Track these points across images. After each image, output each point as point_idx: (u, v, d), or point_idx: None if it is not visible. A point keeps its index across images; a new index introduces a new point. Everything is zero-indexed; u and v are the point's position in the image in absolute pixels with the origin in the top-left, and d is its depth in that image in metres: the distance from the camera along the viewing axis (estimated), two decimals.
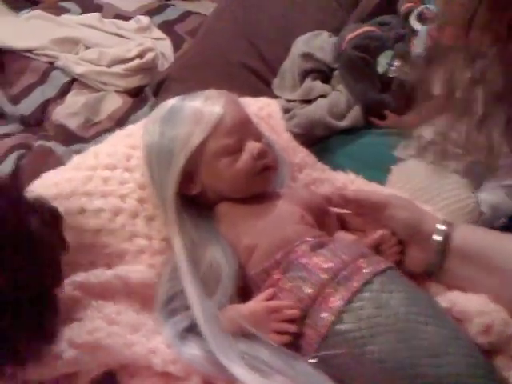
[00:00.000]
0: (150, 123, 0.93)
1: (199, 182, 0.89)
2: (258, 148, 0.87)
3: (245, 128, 0.89)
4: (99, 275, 0.88)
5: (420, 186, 1.05)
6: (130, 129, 1.05)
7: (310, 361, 0.75)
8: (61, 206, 0.91)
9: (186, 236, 0.87)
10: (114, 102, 1.60)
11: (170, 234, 0.88)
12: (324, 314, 0.75)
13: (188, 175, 0.88)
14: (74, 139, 1.48)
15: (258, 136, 0.90)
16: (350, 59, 1.19)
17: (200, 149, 0.87)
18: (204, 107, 0.88)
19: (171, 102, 0.93)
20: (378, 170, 1.11)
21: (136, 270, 0.88)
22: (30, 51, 1.68)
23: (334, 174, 1.10)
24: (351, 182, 1.07)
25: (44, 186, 0.96)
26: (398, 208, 0.87)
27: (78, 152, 1.12)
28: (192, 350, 0.80)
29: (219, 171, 0.87)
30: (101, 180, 0.93)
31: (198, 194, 0.90)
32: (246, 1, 1.50)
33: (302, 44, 1.29)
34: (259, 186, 0.89)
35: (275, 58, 1.38)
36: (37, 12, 1.87)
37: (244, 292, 0.85)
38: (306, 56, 1.29)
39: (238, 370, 0.76)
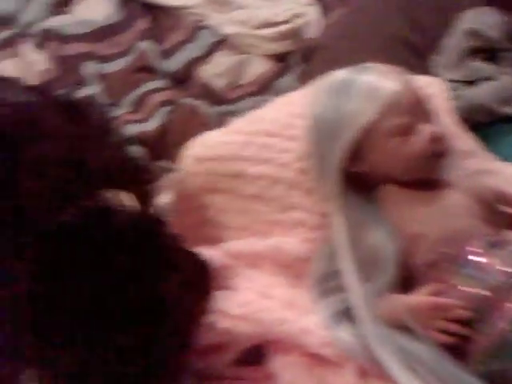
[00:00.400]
0: (319, 94, 0.89)
1: (366, 160, 0.85)
2: (435, 132, 0.82)
3: (419, 109, 0.83)
4: (252, 244, 0.88)
5: None
6: (291, 96, 1.02)
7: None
8: (216, 168, 0.91)
9: (348, 214, 0.84)
10: (259, 66, 1.57)
11: (329, 210, 0.85)
12: (499, 320, 0.69)
13: (356, 152, 0.84)
14: (218, 99, 1.48)
15: (430, 118, 0.84)
16: None
17: (372, 126, 0.82)
18: (379, 83, 0.83)
19: (341, 74, 0.89)
20: None
21: (290, 243, 0.87)
22: (181, 8, 1.69)
23: (503, 165, 1.01)
24: None
25: (204, 146, 0.97)
26: None
27: (224, 114, 1.12)
28: (347, 336, 0.78)
29: (389, 151, 0.82)
30: (260, 146, 0.92)
31: (362, 173, 0.86)
32: None
33: (469, 19, 1.19)
34: (429, 170, 0.84)
35: (436, 32, 1.29)
36: None
37: (405, 282, 0.80)
38: (474, 33, 1.19)
39: (393, 365, 0.73)
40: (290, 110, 0.96)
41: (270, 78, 1.55)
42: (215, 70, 1.53)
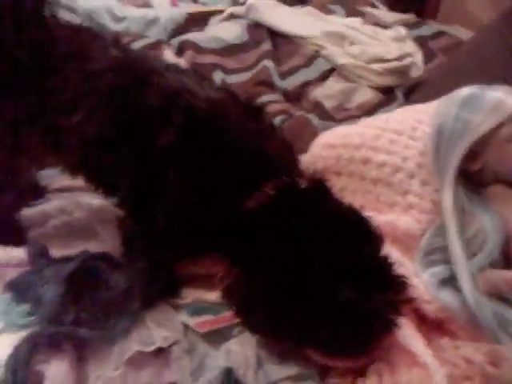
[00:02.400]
0: (444, 105, 1.06)
1: (482, 161, 1.00)
2: None
3: None
4: (373, 217, 1.01)
5: None
6: (418, 106, 1.19)
7: None
8: (347, 153, 1.07)
9: (458, 202, 0.98)
10: (365, 95, 1.76)
11: (442, 198, 1.00)
12: None
13: (473, 153, 0.99)
14: (327, 117, 1.66)
15: None
16: None
17: (492, 132, 0.98)
18: (506, 98, 0.99)
19: (468, 89, 1.05)
20: None
21: (405, 221, 1.01)
22: (301, 38, 1.91)
23: None
24: None
25: (334, 135, 1.14)
26: None
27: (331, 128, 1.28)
28: (447, 298, 0.90)
29: (508, 154, 0.97)
30: (388, 140, 1.08)
31: (475, 172, 1.01)
32: None
33: None
34: None
35: None
36: (308, 8, 2.11)
37: (504, 264, 0.93)
38: None
39: (490, 326, 0.85)
40: (416, 116, 1.14)
41: (374, 106, 1.73)
42: (327, 92, 1.72)
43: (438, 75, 1.62)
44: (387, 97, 1.75)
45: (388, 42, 1.95)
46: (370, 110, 1.70)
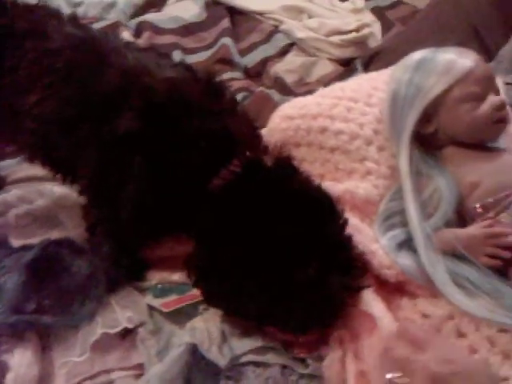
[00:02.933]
0: (397, 71, 1.06)
1: (435, 123, 1.01)
2: (500, 100, 0.98)
3: (490, 81, 1.00)
4: (331, 187, 1.02)
5: None
6: (372, 74, 1.21)
7: None
8: (305, 124, 1.08)
9: (414, 166, 0.99)
10: (325, 68, 1.75)
11: (398, 163, 1.01)
12: None
13: (426, 116, 1.00)
14: (287, 92, 1.66)
15: (498, 91, 1.00)
16: None
17: (445, 93, 0.99)
18: (457, 59, 1.00)
19: (421, 53, 1.05)
20: None
21: (363, 187, 1.01)
22: (259, 14, 1.89)
23: None
24: None
25: (292, 107, 1.14)
26: None
27: None
28: (406, 261, 0.92)
29: (459, 115, 0.98)
30: (344, 108, 1.08)
31: (430, 134, 1.02)
32: None
33: None
34: (491, 134, 1.00)
35: (495, 44, 1.45)
36: None
37: (459, 223, 0.95)
38: None
39: (444, 283, 0.87)
40: (371, 84, 1.14)
41: (334, 79, 1.72)
42: (288, 67, 1.71)
43: (396, 44, 1.62)
44: (347, 68, 1.75)
45: (346, 13, 1.95)
46: (330, 83, 1.66)
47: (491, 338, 0.81)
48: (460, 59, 0.99)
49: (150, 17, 1.87)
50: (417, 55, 1.05)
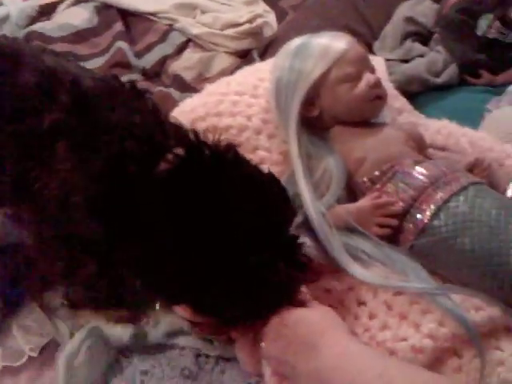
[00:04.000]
0: (279, 59, 1.09)
1: (318, 106, 1.04)
2: (374, 78, 1.02)
3: (364, 61, 1.04)
4: None
5: None
6: (258, 65, 1.23)
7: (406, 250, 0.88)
8: (198, 128, 1.08)
9: (303, 149, 1.02)
10: (223, 61, 1.76)
11: (289, 148, 1.03)
12: (423, 212, 0.88)
13: (310, 99, 1.03)
14: (187, 89, 1.66)
15: (373, 70, 1.05)
16: (452, 21, 1.31)
17: (324, 76, 1.02)
18: (331, 43, 1.04)
19: (298, 40, 1.09)
20: (469, 122, 1.22)
21: None
22: (152, 14, 1.88)
23: (428, 120, 1.22)
24: (444, 127, 1.18)
25: (182, 113, 1.14)
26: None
27: None
28: (306, 241, 0.94)
29: (339, 95, 1.02)
30: (230, 103, 1.10)
31: (315, 117, 1.05)
32: None
33: (406, 8, 1.42)
34: (371, 111, 1.05)
35: (378, 23, 1.51)
36: None
37: (350, 198, 0.99)
38: (409, 19, 1.41)
39: (341, 257, 0.90)
40: (257, 75, 1.17)
41: (233, 71, 1.73)
42: (185, 64, 1.71)
43: (286, 32, 1.65)
44: (245, 60, 1.77)
45: (239, 6, 1.96)
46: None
47: (388, 301, 0.85)
48: (334, 43, 1.03)
49: (38, 26, 1.81)
50: (295, 42, 1.08)
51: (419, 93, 1.36)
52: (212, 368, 0.88)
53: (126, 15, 1.91)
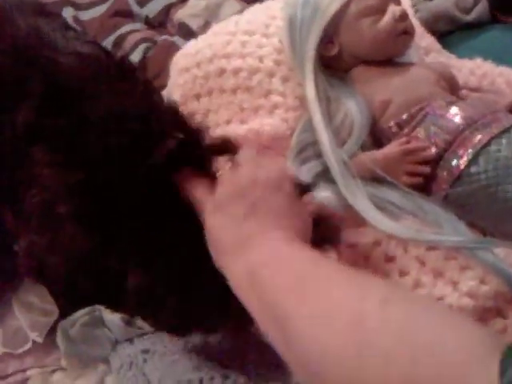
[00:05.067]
0: None
1: (338, 43, 0.93)
2: (400, 10, 0.91)
3: None
4: (234, 129, 0.94)
5: None
6: (268, 2, 1.11)
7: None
8: (201, 71, 0.98)
9: (321, 92, 0.92)
10: (232, 8, 1.64)
11: (305, 91, 0.93)
12: (459, 157, 0.78)
13: (328, 37, 0.92)
14: (194, 37, 1.54)
15: (398, 1, 0.93)
16: None
17: (343, 10, 0.91)
18: None
19: None
20: (504, 62, 1.10)
21: (269, 123, 0.93)
22: None
23: (460, 60, 1.10)
24: (478, 67, 1.07)
25: (186, 55, 1.04)
26: None
27: None
28: (324, 192, 0.85)
29: (360, 31, 0.91)
30: (240, 43, 0.99)
31: (334, 56, 0.94)
32: None
33: None
34: (397, 47, 0.93)
35: None
36: None
37: (375, 146, 0.89)
38: None
39: (366, 209, 0.80)
40: (267, 13, 1.05)
41: None
42: (191, 11, 1.60)
43: None
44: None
45: None
46: None
47: (420, 257, 0.76)
48: None
49: None
50: None
51: (447, 32, 1.24)
52: (219, 342, 0.80)
53: None
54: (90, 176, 0.66)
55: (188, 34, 1.57)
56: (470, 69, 1.07)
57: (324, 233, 0.81)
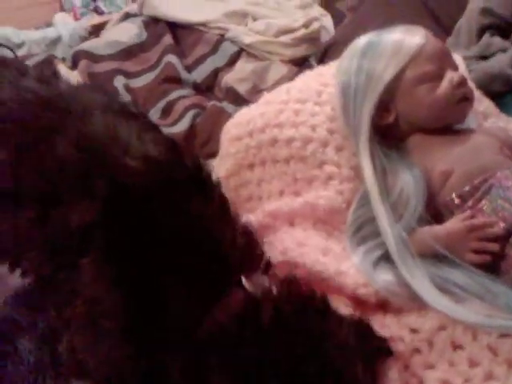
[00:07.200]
0: (344, 60, 0.96)
1: (394, 111, 0.90)
2: (459, 76, 0.88)
3: (445, 57, 0.90)
4: (288, 203, 0.92)
5: None
6: (320, 69, 1.10)
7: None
8: (254, 141, 0.97)
9: (378, 164, 0.89)
10: (279, 71, 1.66)
11: (360, 163, 0.90)
12: None
13: (383, 104, 0.90)
14: (242, 102, 1.55)
15: (455, 67, 0.91)
16: None
17: (398, 77, 0.88)
18: (404, 38, 0.90)
19: (366, 38, 0.95)
20: None
21: (324, 196, 0.90)
22: (203, 25, 1.79)
23: None
24: None
25: (238, 124, 1.03)
26: None
27: None
28: (384, 276, 0.81)
29: (418, 98, 0.88)
30: (292, 112, 0.97)
31: (390, 125, 0.91)
32: None
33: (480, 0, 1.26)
34: (457, 115, 0.90)
35: (448, 16, 1.37)
36: None
37: (435, 220, 0.84)
38: (485, 11, 1.25)
39: (427, 291, 0.76)
40: (319, 80, 1.04)
41: (290, 80, 1.62)
42: (239, 76, 1.62)
43: (347, 33, 1.51)
44: (302, 67, 1.65)
45: (293, 10, 1.85)
46: None
47: (492, 346, 0.70)
48: (408, 37, 0.89)
49: (87, 45, 1.76)
50: (362, 41, 0.94)
51: (503, 92, 1.19)
52: None
53: (175, 28, 1.84)
54: (142, 296, 0.61)
55: (236, 98, 1.58)
56: None
57: None
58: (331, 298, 0.81)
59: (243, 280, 0.65)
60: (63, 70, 1.66)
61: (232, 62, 1.70)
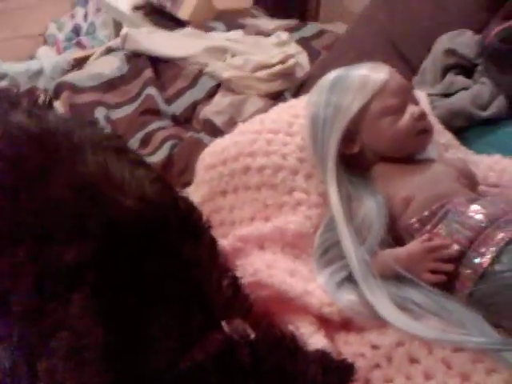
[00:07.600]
0: (314, 93, 1.02)
1: (359, 142, 0.96)
2: (419, 110, 0.94)
3: (407, 92, 0.97)
4: (258, 228, 0.96)
5: None
6: (292, 102, 1.16)
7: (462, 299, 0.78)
8: (227, 169, 1.02)
9: (343, 191, 0.94)
10: (255, 104, 1.72)
11: (327, 190, 0.95)
12: (482, 255, 0.78)
13: (349, 135, 0.96)
14: (219, 134, 1.59)
15: (416, 102, 0.97)
16: (497, 51, 1.23)
17: (364, 109, 0.95)
18: (370, 74, 0.97)
19: (334, 73, 1.02)
20: None
21: (293, 221, 0.95)
22: (183, 59, 1.86)
23: (478, 156, 1.13)
24: (496, 163, 1.09)
25: (212, 153, 1.08)
26: None
27: None
28: (347, 296, 0.85)
29: (381, 130, 0.94)
30: (265, 142, 1.03)
31: (356, 155, 0.97)
32: (390, 4, 1.57)
33: (445, 41, 1.35)
34: (417, 145, 0.96)
35: (416, 57, 1.44)
36: (188, 30, 2.07)
37: (396, 243, 0.89)
38: (449, 52, 1.33)
39: (387, 309, 0.80)
40: (291, 112, 1.10)
41: None
42: (216, 108, 1.67)
43: (320, 70, 1.58)
44: (277, 101, 1.71)
45: (270, 47, 1.93)
46: None
47: (446, 359, 0.75)
48: (373, 73, 0.96)
49: (69, 77, 1.81)
50: (331, 75, 1.01)
51: (464, 128, 1.26)
52: None
53: (156, 62, 1.90)
54: (124, 331, 0.63)
55: (213, 129, 1.63)
56: (489, 164, 1.08)
57: None
58: (298, 317, 0.86)
59: (223, 324, 0.67)
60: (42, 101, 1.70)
61: (210, 95, 1.76)
